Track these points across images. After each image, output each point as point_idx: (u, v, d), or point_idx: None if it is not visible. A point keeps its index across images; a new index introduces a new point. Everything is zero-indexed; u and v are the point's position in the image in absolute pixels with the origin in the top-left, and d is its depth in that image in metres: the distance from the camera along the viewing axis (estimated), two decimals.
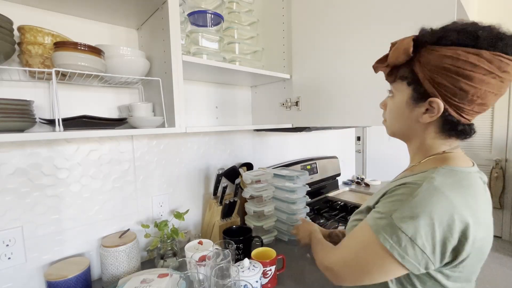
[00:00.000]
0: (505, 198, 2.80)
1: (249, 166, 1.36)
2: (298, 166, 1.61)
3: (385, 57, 0.57)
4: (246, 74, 1.12)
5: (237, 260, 0.93)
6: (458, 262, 0.47)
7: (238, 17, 1.20)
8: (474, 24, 0.46)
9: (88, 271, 0.84)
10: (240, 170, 1.27)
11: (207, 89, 1.26)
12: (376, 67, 0.60)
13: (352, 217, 0.65)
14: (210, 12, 1.02)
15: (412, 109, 0.54)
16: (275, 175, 1.25)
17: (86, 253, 0.93)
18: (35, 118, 0.73)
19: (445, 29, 0.48)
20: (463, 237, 0.45)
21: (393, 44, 0.55)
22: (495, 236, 2.91)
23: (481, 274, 0.55)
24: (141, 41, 1.00)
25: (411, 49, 0.50)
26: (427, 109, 0.52)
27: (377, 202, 0.55)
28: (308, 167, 1.68)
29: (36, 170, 0.83)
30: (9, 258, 0.78)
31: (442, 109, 0.49)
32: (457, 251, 0.46)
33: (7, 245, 0.78)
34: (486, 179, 0.57)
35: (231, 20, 1.19)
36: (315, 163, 1.74)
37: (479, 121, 2.89)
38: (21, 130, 0.68)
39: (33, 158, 0.82)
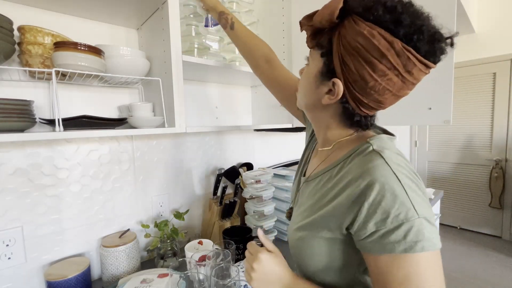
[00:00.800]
0: (505, 198, 2.80)
1: (249, 166, 1.36)
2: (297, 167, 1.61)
3: (312, 15, 0.49)
4: (246, 74, 1.12)
5: (237, 260, 0.93)
6: None
7: (238, 17, 1.20)
8: (404, 5, 0.40)
9: (88, 271, 0.84)
10: (240, 170, 1.27)
11: (207, 89, 1.26)
12: (302, 24, 0.52)
13: (294, 231, 0.54)
14: None
15: (318, 85, 0.50)
16: (275, 175, 1.25)
17: (86, 253, 0.93)
18: (35, 118, 0.73)
19: (376, 1, 0.41)
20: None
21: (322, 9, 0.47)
22: (495, 236, 2.91)
23: (481, 274, 0.55)
24: (141, 41, 1.00)
25: (337, 13, 0.42)
26: (330, 90, 0.48)
27: (353, 222, 0.44)
28: None
29: (36, 170, 0.83)
30: (9, 258, 0.78)
31: (341, 93, 0.46)
32: None
33: (7, 245, 0.78)
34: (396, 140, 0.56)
35: None
36: None
37: (479, 121, 2.89)
38: (21, 130, 0.68)
39: (33, 158, 0.82)
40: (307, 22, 0.50)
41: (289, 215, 0.65)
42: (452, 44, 0.42)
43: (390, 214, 0.40)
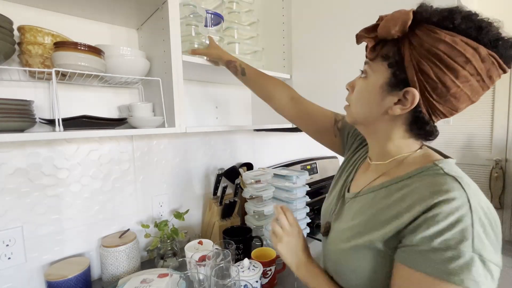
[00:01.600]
0: (505, 198, 2.80)
1: (249, 166, 1.36)
2: (298, 166, 1.61)
3: (374, 26, 0.48)
4: None
5: (237, 260, 0.93)
6: None
7: (238, 17, 1.20)
8: (476, 15, 0.40)
9: (88, 271, 0.84)
10: (240, 170, 1.27)
11: (207, 89, 1.26)
12: (360, 36, 0.51)
13: (344, 244, 0.52)
14: (210, 12, 1.02)
15: (385, 97, 0.47)
16: (275, 175, 1.25)
17: (86, 253, 0.93)
18: (35, 118, 0.73)
19: (450, 11, 0.41)
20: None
21: (381, 18, 0.48)
22: None
23: None
24: (141, 41, 1.00)
25: (410, 22, 0.42)
26: (399, 100, 0.46)
27: (400, 232, 0.43)
28: (308, 167, 1.68)
29: (36, 170, 0.83)
30: (9, 258, 0.78)
31: (416, 103, 0.44)
32: None
33: (7, 245, 0.78)
34: None
35: (231, 20, 1.18)
36: (315, 163, 1.74)
37: (479, 121, 2.89)
38: (21, 130, 0.68)
39: (33, 158, 0.82)
40: (368, 34, 0.49)
41: (326, 230, 0.61)
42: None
43: (442, 235, 0.38)
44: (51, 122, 0.73)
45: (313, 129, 0.81)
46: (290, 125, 1.22)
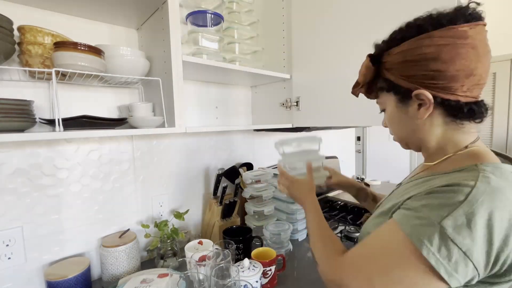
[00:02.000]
0: None
1: (249, 166, 1.36)
2: None
3: (356, 82, 0.60)
4: (246, 74, 1.12)
5: (237, 260, 0.93)
6: (505, 270, 0.41)
7: (238, 17, 1.20)
8: (415, 19, 0.50)
9: (88, 271, 0.84)
10: (240, 170, 1.27)
11: (207, 89, 1.26)
12: (354, 92, 0.62)
13: (372, 221, 0.57)
14: (210, 12, 1.02)
15: (406, 111, 0.53)
16: (275, 175, 1.25)
17: (86, 253, 0.93)
18: (35, 118, 0.73)
19: (391, 34, 0.53)
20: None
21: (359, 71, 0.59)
22: None
23: None
24: (141, 41, 1.00)
25: (370, 64, 0.54)
26: (419, 104, 0.50)
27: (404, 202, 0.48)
28: None
29: (36, 170, 0.83)
30: (9, 258, 0.78)
31: (430, 97, 0.47)
32: (508, 260, 0.40)
33: (7, 245, 0.78)
34: None
35: (231, 20, 1.19)
36: None
37: None
38: (21, 130, 0.68)
39: (33, 158, 0.82)
40: (357, 88, 0.61)
41: (366, 218, 0.65)
42: (478, 4, 0.47)
43: (427, 202, 0.43)
44: (51, 122, 0.73)
45: None
46: (290, 125, 1.22)
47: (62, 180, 0.87)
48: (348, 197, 1.75)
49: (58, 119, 0.64)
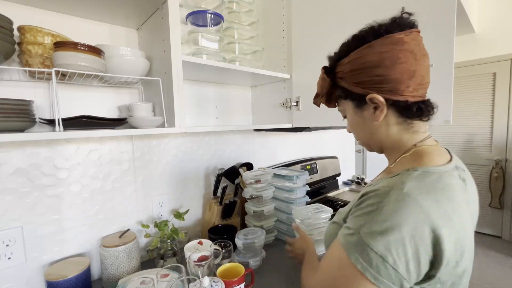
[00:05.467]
0: (505, 198, 2.80)
1: (249, 166, 1.36)
2: (298, 166, 1.61)
3: (317, 92, 0.65)
4: (246, 74, 1.12)
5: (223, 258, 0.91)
6: (436, 276, 0.44)
7: (238, 17, 1.20)
8: (360, 31, 0.55)
9: (88, 271, 0.84)
10: (240, 170, 1.27)
11: (207, 89, 1.26)
12: (316, 102, 0.66)
13: (330, 224, 0.64)
14: (210, 12, 1.02)
15: (362, 115, 0.57)
16: (275, 175, 1.25)
17: (86, 253, 0.93)
18: (35, 118, 0.73)
19: (341, 47, 0.58)
20: (439, 250, 0.42)
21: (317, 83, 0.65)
22: (495, 236, 2.91)
23: (481, 274, 0.54)
24: (141, 41, 1.00)
25: (325, 75, 0.59)
26: (374, 107, 0.54)
27: (349, 212, 0.54)
28: (308, 167, 1.68)
29: (36, 170, 0.83)
30: (9, 258, 0.78)
31: (382, 99, 0.51)
32: (434, 264, 0.43)
33: (7, 245, 0.78)
34: (466, 175, 0.55)
35: (231, 20, 1.19)
36: (315, 163, 1.74)
37: (479, 121, 2.89)
38: (21, 130, 0.68)
39: (33, 158, 0.82)
40: (317, 98, 0.65)
41: None
42: (409, 14, 0.53)
43: (355, 217, 0.48)
44: (51, 122, 0.73)
45: None
46: (290, 125, 1.22)
47: (62, 180, 0.87)
48: (348, 197, 1.75)
49: (58, 119, 0.64)
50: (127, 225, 1.02)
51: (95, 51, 0.75)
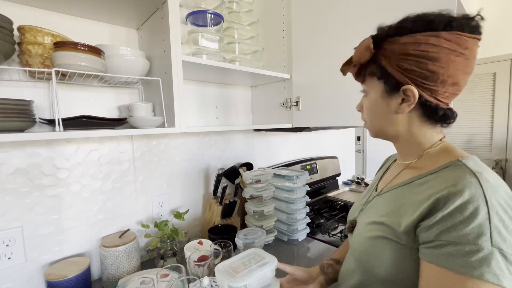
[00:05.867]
0: None
1: (249, 166, 1.36)
2: (298, 166, 1.61)
3: (350, 59, 0.58)
4: (246, 74, 1.12)
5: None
6: None
7: (238, 17, 1.20)
8: (426, 13, 0.49)
9: (88, 271, 0.84)
10: (240, 170, 1.27)
11: (207, 89, 1.26)
12: (343, 69, 0.60)
13: (369, 233, 0.55)
14: (210, 12, 1.02)
15: (389, 102, 0.53)
16: (275, 175, 1.25)
17: (86, 253, 0.93)
18: (35, 118, 0.73)
19: (400, 21, 0.51)
20: None
21: (355, 49, 0.57)
22: None
23: None
24: (141, 41, 1.00)
25: (372, 45, 0.51)
26: (403, 99, 0.51)
27: (416, 226, 0.46)
28: (308, 167, 1.68)
29: (36, 170, 0.83)
30: (9, 258, 0.78)
31: (417, 95, 0.49)
32: None
33: (7, 245, 0.78)
34: None
35: (231, 20, 1.19)
36: (315, 163, 1.74)
37: (479, 121, 2.89)
38: (21, 130, 0.68)
39: (33, 158, 0.82)
40: (348, 66, 0.58)
41: (352, 226, 0.64)
42: (483, 18, 0.48)
43: (459, 230, 0.39)
44: (51, 122, 0.73)
45: None
46: (290, 125, 1.22)
47: (62, 180, 0.87)
48: (348, 197, 1.76)
49: (58, 119, 0.64)
50: (127, 225, 1.02)
51: (95, 51, 0.75)
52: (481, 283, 0.37)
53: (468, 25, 0.47)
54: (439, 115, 0.51)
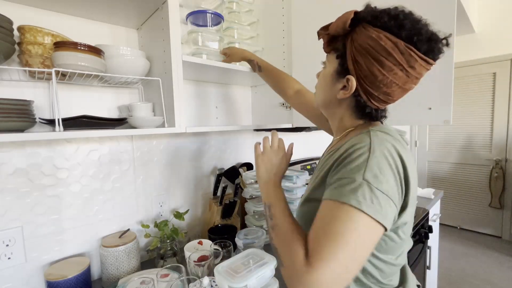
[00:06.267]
0: (505, 198, 2.80)
1: (249, 166, 1.36)
2: (298, 166, 1.61)
3: (328, 25, 0.57)
4: (246, 74, 1.12)
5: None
6: (407, 209, 0.49)
7: (238, 17, 1.20)
8: (405, 14, 0.49)
9: (88, 271, 0.84)
10: (240, 170, 1.27)
11: (207, 89, 1.26)
12: (319, 33, 0.59)
13: (303, 205, 0.61)
14: (210, 12, 1.02)
15: (334, 83, 0.57)
16: None
17: (86, 253, 0.93)
18: (35, 118, 0.73)
19: (381, 11, 0.50)
20: (406, 183, 0.48)
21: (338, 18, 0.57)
22: (495, 236, 2.91)
23: (481, 274, 0.55)
24: (141, 41, 1.00)
25: (349, 22, 0.51)
26: (344, 86, 0.55)
27: (324, 177, 0.54)
28: (308, 167, 1.68)
29: (36, 170, 0.83)
30: (9, 258, 0.78)
31: (354, 88, 0.53)
32: (404, 201, 0.49)
33: (7, 245, 0.78)
34: (408, 139, 0.59)
35: (231, 20, 1.19)
36: (315, 163, 1.74)
37: (479, 121, 2.89)
38: (21, 130, 0.68)
39: (33, 158, 0.82)
40: (324, 31, 0.58)
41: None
42: (447, 44, 0.49)
43: (346, 168, 0.48)
44: (51, 122, 0.73)
45: (311, 116, 0.92)
46: (290, 125, 1.22)
47: (62, 180, 0.87)
48: None
49: (58, 119, 0.64)
50: (127, 225, 1.02)
51: (95, 51, 0.75)
52: (347, 207, 0.44)
53: (428, 46, 0.47)
54: (365, 112, 0.56)
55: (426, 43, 0.47)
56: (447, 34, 0.49)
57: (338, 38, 0.55)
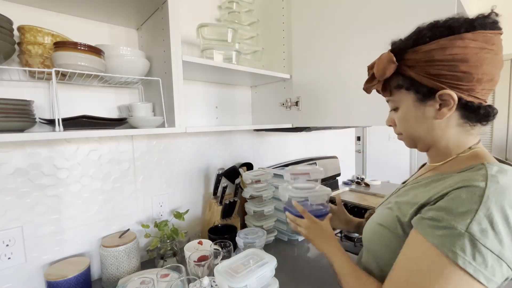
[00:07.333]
0: None
1: (249, 166, 1.36)
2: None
3: (371, 76, 0.58)
4: (246, 74, 1.12)
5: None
6: None
7: (238, 17, 1.20)
8: (438, 20, 0.49)
9: (88, 271, 0.84)
10: (240, 170, 1.27)
11: (207, 89, 1.26)
12: (367, 88, 0.60)
13: (374, 228, 0.58)
14: None
15: (424, 110, 0.52)
16: (275, 175, 1.25)
17: (86, 253, 0.93)
18: (35, 118, 0.73)
19: (415, 32, 0.51)
20: None
21: (369, 67, 0.58)
22: None
23: None
24: (141, 41, 1.00)
25: (394, 58, 0.51)
26: (440, 104, 0.50)
27: (417, 212, 0.49)
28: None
29: (36, 170, 0.83)
30: (9, 258, 0.78)
31: (456, 98, 0.48)
32: None
33: (7, 245, 0.78)
34: None
35: (231, 20, 1.19)
36: (315, 163, 1.74)
37: None
38: (21, 130, 0.68)
39: (33, 158, 0.82)
40: (372, 82, 0.58)
41: (369, 215, 0.67)
42: (497, 14, 0.49)
43: (446, 210, 0.43)
44: (51, 122, 0.73)
45: None
46: (290, 125, 1.22)
47: (62, 180, 0.87)
48: (348, 197, 1.75)
49: (58, 119, 0.64)
50: (127, 225, 1.02)
51: (95, 51, 0.75)
52: (435, 251, 0.42)
53: (488, 23, 0.47)
54: (481, 114, 0.50)
55: (486, 22, 0.47)
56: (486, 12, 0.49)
57: (392, 78, 0.54)
